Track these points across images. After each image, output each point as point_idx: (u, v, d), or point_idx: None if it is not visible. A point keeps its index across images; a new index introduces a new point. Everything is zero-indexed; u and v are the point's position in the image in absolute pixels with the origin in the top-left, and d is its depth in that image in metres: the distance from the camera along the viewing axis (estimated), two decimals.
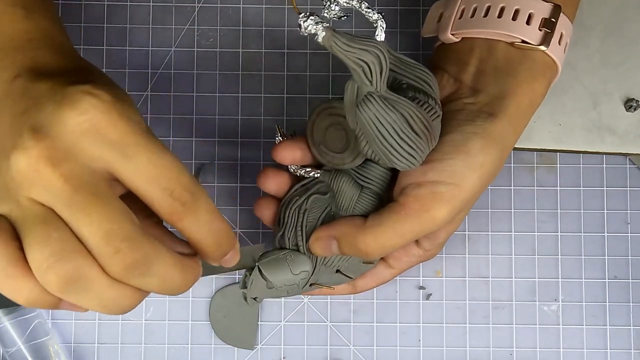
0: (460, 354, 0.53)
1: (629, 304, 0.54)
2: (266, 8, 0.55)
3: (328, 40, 0.38)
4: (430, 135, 0.40)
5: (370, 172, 0.43)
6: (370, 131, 0.39)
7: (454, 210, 0.40)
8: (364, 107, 0.38)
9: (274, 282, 0.44)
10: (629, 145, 0.53)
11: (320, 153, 0.44)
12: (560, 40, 0.43)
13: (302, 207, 0.44)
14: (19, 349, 0.51)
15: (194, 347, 0.54)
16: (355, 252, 0.42)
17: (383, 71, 0.38)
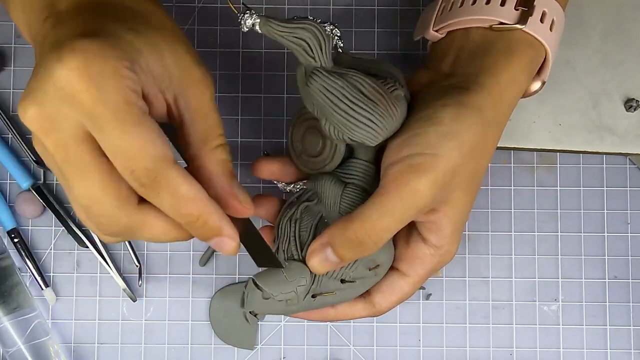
0: (460, 354, 0.54)
1: (629, 304, 0.54)
2: (266, 8, 0.55)
3: (264, 26, 0.39)
4: (386, 101, 0.40)
5: (350, 166, 0.44)
6: (323, 103, 0.39)
7: (437, 181, 0.38)
8: (312, 82, 0.39)
9: (269, 292, 0.43)
10: (629, 145, 0.53)
11: (303, 162, 0.45)
12: (543, 18, 0.42)
13: (293, 217, 0.44)
14: (19, 349, 0.51)
15: (194, 347, 0.54)
16: (349, 247, 0.40)
17: (322, 46, 0.39)
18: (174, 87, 0.36)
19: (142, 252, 0.54)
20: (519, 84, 0.42)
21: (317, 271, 0.41)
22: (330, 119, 0.40)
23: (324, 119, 0.41)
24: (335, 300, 0.44)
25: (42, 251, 0.54)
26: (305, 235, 0.44)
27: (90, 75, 0.32)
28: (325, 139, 0.43)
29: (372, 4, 0.55)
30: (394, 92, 0.41)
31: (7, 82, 0.55)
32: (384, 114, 0.40)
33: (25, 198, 0.53)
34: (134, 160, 0.32)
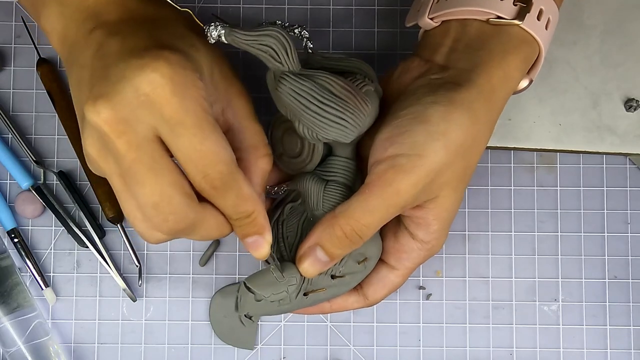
0: (460, 354, 0.54)
1: (629, 304, 0.54)
2: (266, 8, 0.55)
3: (229, 36, 0.39)
4: (356, 98, 0.40)
5: (330, 164, 0.44)
6: (293, 105, 0.40)
7: (419, 182, 0.39)
8: (281, 86, 0.40)
9: (261, 294, 0.44)
10: (629, 145, 0.53)
11: (284, 163, 0.45)
12: (540, 16, 0.42)
13: (279, 218, 0.45)
14: (19, 349, 0.51)
15: (194, 347, 0.54)
16: (338, 244, 0.41)
17: (288, 50, 0.40)
18: (222, 99, 0.40)
19: (142, 252, 0.54)
20: (512, 80, 0.42)
21: (309, 274, 0.42)
22: (302, 121, 0.41)
23: (297, 120, 0.41)
24: (327, 296, 0.45)
25: (42, 251, 0.54)
26: (292, 235, 0.44)
27: (174, 84, 0.34)
28: (303, 140, 0.43)
29: (372, 4, 0.55)
30: (364, 87, 0.42)
31: (7, 82, 0.55)
32: (355, 111, 0.40)
33: (25, 198, 0.53)
34: (210, 165, 0.35)
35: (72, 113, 0.53)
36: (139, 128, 0.34)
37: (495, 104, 0.42)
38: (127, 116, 0.34)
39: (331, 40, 0.55)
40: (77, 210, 0.53)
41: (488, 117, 0.41)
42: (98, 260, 0.53)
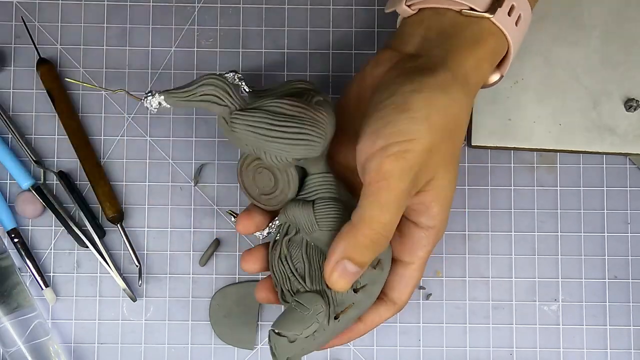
0: (460, 354, 0.54)
1: (629, 304, 0.54)
2: (266, 8, 0.55)
3: (169, 99, 0.40)
4: (310, 111, 0.41)
5: (309, 184, 0.44)
6: (254, 139, 0.40)
7: (415, 164, 0.39)
8: (235, 125, 0.40)
9: (292, 333, 0.42)
10: (629, 145, 0.53)
11: (265, 201, 0.45)
12: (510, 12, 0.43)
13: (281, 254, 0.44)
14: (19, 349, 0.51)
15: (194, 347, 0.54)
16: (365, 251, 0.41)
17: (229, 91, 0.40)
18: None
19: (142, 252, 0.54)
20: (483, 71, 0.43)
21: (341, 288, 0.41)
22: (268, 150, 0.41)
23: (263, 152, 0.41)
24: (357, 312, 0.44)
25: (42, 251, 0.54)
26: (300, 266, 0.44)
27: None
28: (275, 171, 0.43)
29: (372, 4, 0.55)
30: (314, 99, 0.42)
31: (7, 82, 0.55)
32: (314, 123, 0.40)
33: (25, 198, 0.53)
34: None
35: (72, 113, 0.54)
36: None
37: (470, 89, 0.43)
38: None
39: (331, 40, 0.55)
40: (77, 210, 0.53)
41: (465, 101, 0.42)
42: (98, 260, 0.53)
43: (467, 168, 0.54)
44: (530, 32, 0.53)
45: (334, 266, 0.40)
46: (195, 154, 0.54)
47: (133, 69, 0.55)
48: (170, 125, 0.54)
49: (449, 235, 0.54)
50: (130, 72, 0.55)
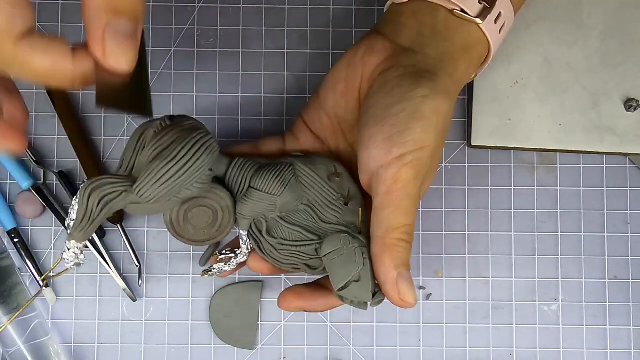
0: (460, 354, 0.54)
1: (629, 304, 0.54)
2: (266, 8, 0.55)
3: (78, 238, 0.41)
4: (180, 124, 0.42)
5: (232, 181, 0.44)
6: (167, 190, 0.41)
7: (425, 168, 0.41)
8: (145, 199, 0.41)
9: (354, 276, 0.41)
10: (629, 145, 0.53)
11: (215, 233, 0.44)
12: (497, 20, 0.44)
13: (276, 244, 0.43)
14: (19, 349, 0.51)
15: (194, 347, 0.54)
16: (405, 253, 0.41)
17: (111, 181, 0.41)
18: None
19: (142, 252, 0.54)
20: (469, 75, 0.45)
21: (412, 298, 0.41)
22: (184, 185, 0.41)
23: (182, 191, 0.42)
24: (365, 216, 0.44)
25: (42, 251, 0.54)
26: (297, 235, 0.43)
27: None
28: (202, 201, 0.43)
29: (372, 4, 0.55)
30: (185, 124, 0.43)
31: None
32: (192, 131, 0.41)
33: (25, 198, 0.53)
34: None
35: (72, 113, 0.54)
36: None
37: (458, 91, 0.45)
38: None
39: (331, 40, 0.55)
40: None
41: (454, 102, 0.43)
42: (98, 260, 0.53)
43: (467, 168, 0.54)
44: (530, 32, 0.54)
45: (395, 285, 0.41)
46: None
47: None
48: None
49: (449, 235, 0.54)
50: None
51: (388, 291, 0.41)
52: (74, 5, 0.55)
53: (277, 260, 0.44)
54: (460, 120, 0.55)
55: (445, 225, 0.54)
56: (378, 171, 0.41)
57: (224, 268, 0.45)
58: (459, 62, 0.43)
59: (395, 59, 0.43)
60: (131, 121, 0.54)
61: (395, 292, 0.40)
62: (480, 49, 0.44)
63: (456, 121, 0.55)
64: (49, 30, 0.55)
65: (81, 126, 0.54)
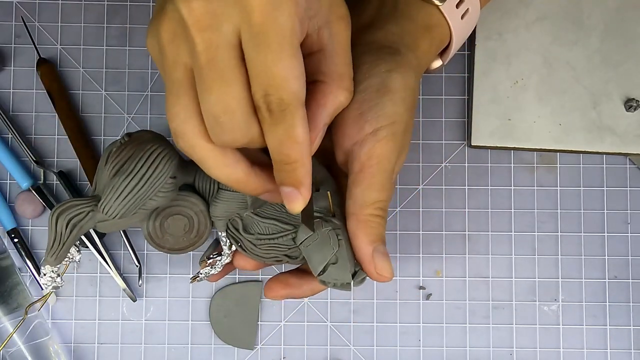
0: (460, 354, 0.54)
1: (629, 304, 0.54)
2: None
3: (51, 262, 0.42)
4: (135, 138, 0.43)
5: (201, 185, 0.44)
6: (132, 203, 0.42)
7: (398, 143, 0.41)
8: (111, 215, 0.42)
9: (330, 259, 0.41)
10: (629, 145, 0.53)
11: (192, 239, 0.45)
12: (458, 5, 0.44)
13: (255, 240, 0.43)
14: (19, 349, 0.51)
15: (194, 347, 0.54)
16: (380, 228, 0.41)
17: (75, 203, 0.42)
18: (321, 17, 0.37)
19: (142, 252, 0.54)
20: (430, 56, 0.45)
21: (389, 271, 0.41)
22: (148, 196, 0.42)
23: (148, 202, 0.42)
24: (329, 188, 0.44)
25: (42, 251, 0.54)
26: (273, 228, 0.43)
27: (274, 9, 0.32)
28: (175, 210, 0.44)
29: None
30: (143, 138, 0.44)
31: (7, 82, 0.55)
32: (148, 142, 0.42)
33: (25, 198, 0.53)
34: (274, 87, 0.33)
35: (72, 113, 0.54)
36: (224, 26, 0.32)
37: (422, 69, 0.45)
38: (217, 10, 0.32)
39: None
40: None
41: (420, 78, 0.44)
42: (98, 260, 0.53)
43: (467, 168, 0.54)
44: (530, 32, 0.54)
45: (372, 260, 0.41)
46: None
47: (133, 69, 0.55)
48: None
49: (449, 235, 0.54)
50: (130, 72, 0.55)
51: (365, 267, 0.41)
52: (74, 5, 0.55)
53: (258, 255, 0.44)
54: (460, 120, 0.55)
55: (445, 225, 0.54)
56: (352, 148, 0.41)
57: (211, 271, 0.46)
58: (420, 40, 0.43)
59: (357, 36, 0.42)
60: (131, 121, 0.54)
61: (371, 267, 0.40)
62: (441, 31, 0.44)
63: (456, 121, 0.55)
64: (49, 30, 0.55)
65: (81, 126, 0.54)
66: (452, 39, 0.45)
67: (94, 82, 0.55)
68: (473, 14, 0.46)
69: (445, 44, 0.46)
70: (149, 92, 0.54)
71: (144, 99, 0.55)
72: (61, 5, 0.55)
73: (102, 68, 0.55)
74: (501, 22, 0.54)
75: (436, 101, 0.55)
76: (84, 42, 0.55)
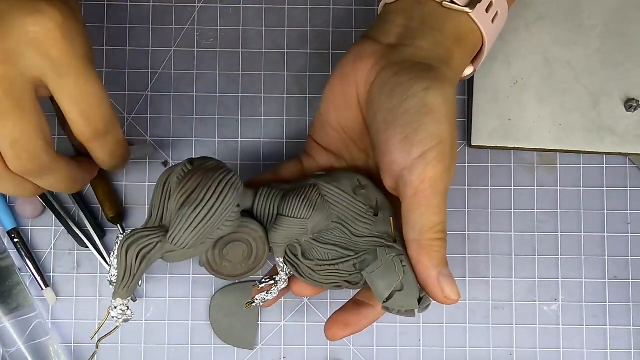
0: (460, 354, 0.54)
1: (629, 304, 0.54)
2: (266, 8, 0.55)
3: (124, 294, 0.42)
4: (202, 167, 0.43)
5: (261, 212, 0.44)
6: (201, 234, 0.41)
7: (447, 161, 0.40)
8: (180, 246, 0.41)
9: (396, 286, 0.41)
10: (629, 145, 0.53)
11: (250, 265, 0.44)
12: (488, 9, 0.44)
13: (315, 267, 0.43)
14: (19, 349, 0.51)
15: (194, 347, 0.54)
16: (441, 251, 0.41)
17: (145, 234, 0.41)
18: None
19: None
20: (464, 66, 0.44)
21: (456, 294, 0.41)
22: (216, 226, 0.41)
23: (215, 232, 0.42)
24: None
25: (42, 251, 0.54)
26: (333, 253, 0.43)
27: (64, 30, 0.37)
28: (235, 236, 0.43)
29: (373, 4, 0.55)
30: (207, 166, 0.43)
31: None
32: (214, 171, 0.42)
33: (25, 198, 0.53)
34: (94, 109, 0.38)
35: None
36: (20, 63, 0.36)
37: (458, 79, 0.44)
38: (12, 48, 0.36)
39: (331, 40, 0.55)
40: (77, 210, 0.53)
41: (455, 89, 0.43)
42: (98, 260, 0.53)
43: (467, 168, 0.54)
44: (530, 32, 0.54)
45: (438, 284, 0.41)
46: (195, 153, 0.54)
47: (133, 69, 0.55)
48: (170, 125, 0.54)
49: (449, 235, 0.54)
50: (130, 72, 0.55)
51: (431, 291, 0.41)
52: None
53: (317, 281, 0.43)
54: (460, 120, 0.55)
55: None
56: (402, 174, 0.40)
57: (267, 297, 0.45)
58: (452, 51, 0.42)
59: (387, 59, 0.42)
60: (131, 121, 0.54)
61: (439, 292, 0.40)
62: (473, 37, 0.44)
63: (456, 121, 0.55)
64: None
65: None
66: (485, 44, 0.44)
67: None
68: (502, 16, 0.45)
69: (477, 50, 0.45)
70: (148, 92, 0.55)
71: (144, 99, 0.55)
72: None
73: (102, 68, 0.55)
74: None
75: None
76: None
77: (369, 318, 0.44)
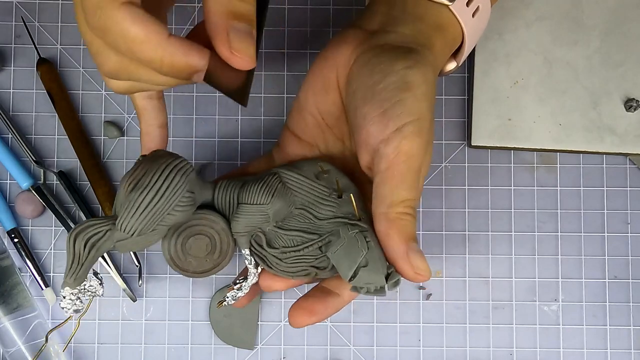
0: (460, 354, 0.54)
1: (629, 304, 0.54)
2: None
3: (71, 284, 0.41)
4: (149, 155, 0.43)
5: (221, 203, 0.43)
6: (150, 220, 0.40)
7: (425, 138, 0.40)
8: (129, 232, 0.41)
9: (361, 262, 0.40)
10: (629, 145, 0.53)
11: (215, 260, 0.43)
12: (469, 3, 0.44)
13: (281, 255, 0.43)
14: (19, 349, 0.51)
15: (194, 347, 0.54)
16: (410, 226, 0.40)
17: (93, 223, 0.41)
18: None
19: (142, 252, 0.54)
20: (444, 56, 0.44)
21: (425, 268, 0.40)
22: (168, 212, 0.41)
23: (168, 218, 0.41)
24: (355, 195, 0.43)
25: (42, 251, 0.54)
26: (297, 239, 0.43)
27: None
28: (195, 229, 0.43)
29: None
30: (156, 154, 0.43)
31: (7, 82, 0.55)
32: (164, 158, 0.41)
33: (25, 198, 0.53)
34: None
35: (72, 113, 0.54)
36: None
37: (439, 68, 0.44)
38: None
39: None
40: (77, 210, 0.53)
41: (437, 76, 0.43)
42: (98, 261, 0.53)
43: (467, 168, 0.54)
44: (530, 32, 0.54)
45: (407, 259, 0.39)
46: (195, 153, 0.54)
47: None
48: (171, 125, 0.54)
49: (449, 235, 0.54)
50: None
51: (401, 267, 0.39)
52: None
53: (285, 271, 0.43)
54: (460, 120, 0.55)
55: (445, 225, 0.54)
56: (378, 147, 0.40)
57: (238, 294, 0.44)
58: (434, 38, 0.42)
59: (368, 42, 0.42)
60: (131, 121, 0.54)
61: (408, 266, 0.39)
62: (453, 30, 0.44)
63: (456, 121, 0.55)
64: (49, 30, 0.55)
65: (81, 126, 0.54)
66: (465, 38, 0.44)
67: (94, 82, 0.55)
68: (484, 12, 0.45)
69: (458, 43, 0.45)
70: None
71: None
72: (61, 5, 0.55)
73: None
74: (501, 22, 0.54)
75: (436, 101, 0.55)
76: (84, 42, 0.55)
77: (335, 306, 0.43)
